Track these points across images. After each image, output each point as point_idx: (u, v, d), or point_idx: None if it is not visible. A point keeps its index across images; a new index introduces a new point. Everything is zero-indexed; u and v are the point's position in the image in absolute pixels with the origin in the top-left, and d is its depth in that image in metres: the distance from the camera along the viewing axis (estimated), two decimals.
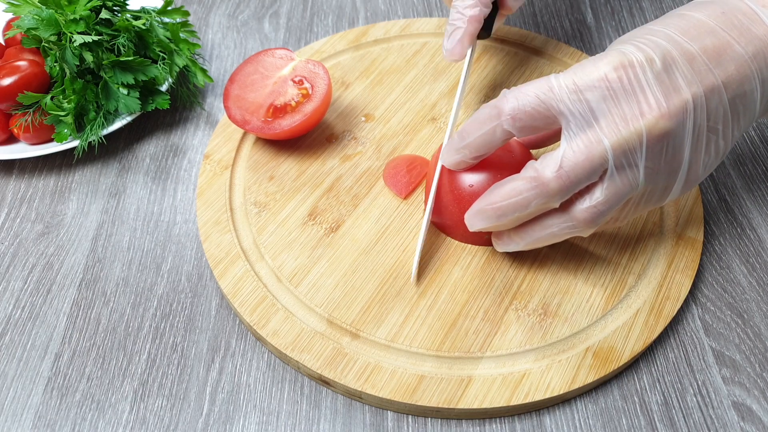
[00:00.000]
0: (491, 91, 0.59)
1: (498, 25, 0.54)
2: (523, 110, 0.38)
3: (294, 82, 0.53)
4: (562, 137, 0.39)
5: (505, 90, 0.40)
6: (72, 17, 0.52)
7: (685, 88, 0.37)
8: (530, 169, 0.39)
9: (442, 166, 0.46)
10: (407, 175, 0.51)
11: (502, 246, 0.45)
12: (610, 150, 0.37)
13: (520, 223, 0.43)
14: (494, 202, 0.41)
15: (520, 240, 0.43)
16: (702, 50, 0.38)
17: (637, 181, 0.39)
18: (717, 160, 0.41)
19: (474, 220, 0.43)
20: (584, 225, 0.40)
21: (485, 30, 0.52)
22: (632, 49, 0.38)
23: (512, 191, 0.40)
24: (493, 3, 0.51)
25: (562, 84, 0.38)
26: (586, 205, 0.39)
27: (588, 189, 0.39)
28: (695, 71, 0.38)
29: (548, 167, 0.38)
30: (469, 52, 0.51)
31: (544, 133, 0.47)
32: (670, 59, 0.38)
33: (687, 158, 0.39)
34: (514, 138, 0.43)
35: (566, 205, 0.40)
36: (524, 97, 0.38)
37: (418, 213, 0.50)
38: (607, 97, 0.37)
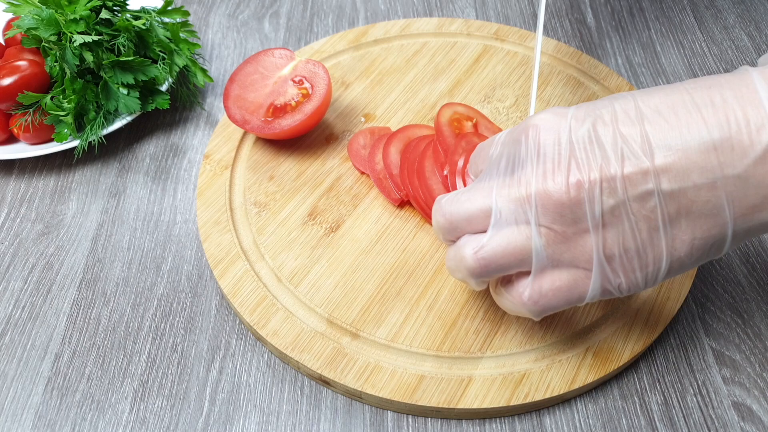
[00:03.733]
0: (491, 91, 0.59)
1: None
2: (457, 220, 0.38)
3: (294, 82, 0.53)
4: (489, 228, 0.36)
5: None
6: (72, 17, 0.52)
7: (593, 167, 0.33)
8: (462, 243, 0.37)
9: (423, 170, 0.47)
10: (384, 171, 0.51)
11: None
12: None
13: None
14: (446, 260, 0.40)
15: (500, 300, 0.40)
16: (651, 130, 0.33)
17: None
18: (681, 266, 0.35)
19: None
20: (529, 311, 0.37)
21: None
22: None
23: (449, 255, 0.39)
24: None
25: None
26: (516, 294, 0.37)
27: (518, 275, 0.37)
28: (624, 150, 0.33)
29: (469, 247, 0.37)
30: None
31: None
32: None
33: (596, 244, 0.34)
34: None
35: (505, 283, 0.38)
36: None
37: (418, 213, 0.50)
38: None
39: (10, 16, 0.62)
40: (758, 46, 0.67)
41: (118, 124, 0.55)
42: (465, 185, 0.47)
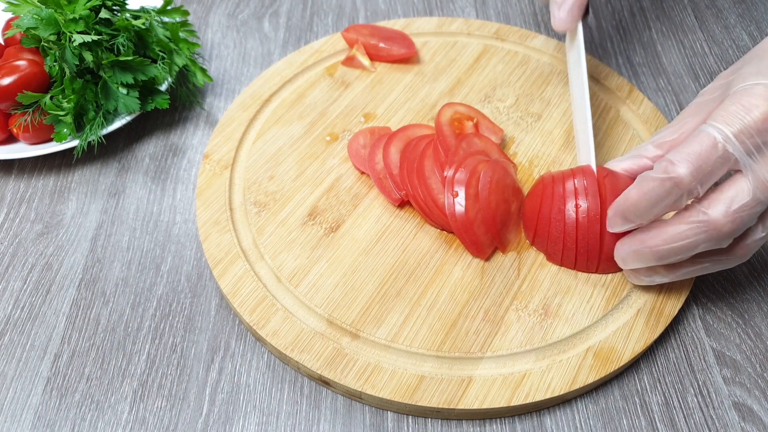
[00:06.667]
0: (491, 90, 0.59)
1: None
2: (704, 171, 0.37)
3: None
4: (731, 179, 0.38)
5: (667, 157, 0.38)
6: (71, 17, 0.52)
7: None
8: (697, 213, 0.38)
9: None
10: (386, 171, 0.51)
11: (643, 281, 0.44)
12: None
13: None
14: (655, 245, 0.40)
15: (669, 275, 0.42)
16: None
17: None
18: None
19: (628, 260, 0.42)
20: (740, 259, 0.40)
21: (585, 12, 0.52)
22: None
23: (677, 236, 0.39)
24: None
25: (728, 134, 0.37)
26: (747, 241, 0.39)
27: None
28: None
29: (719, 210, 0.37)
30: (580, 27, 0.51)
31: None
32: None
33: None
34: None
35: (732, 244, 0.40)
36: (698, 158, 0.37)
37: (418, 213, 0.50)
38: None
39: (9, 15, 0.62)
40: None
41: (117, 124, 0.55)
42: (453, 196, 0.46)
